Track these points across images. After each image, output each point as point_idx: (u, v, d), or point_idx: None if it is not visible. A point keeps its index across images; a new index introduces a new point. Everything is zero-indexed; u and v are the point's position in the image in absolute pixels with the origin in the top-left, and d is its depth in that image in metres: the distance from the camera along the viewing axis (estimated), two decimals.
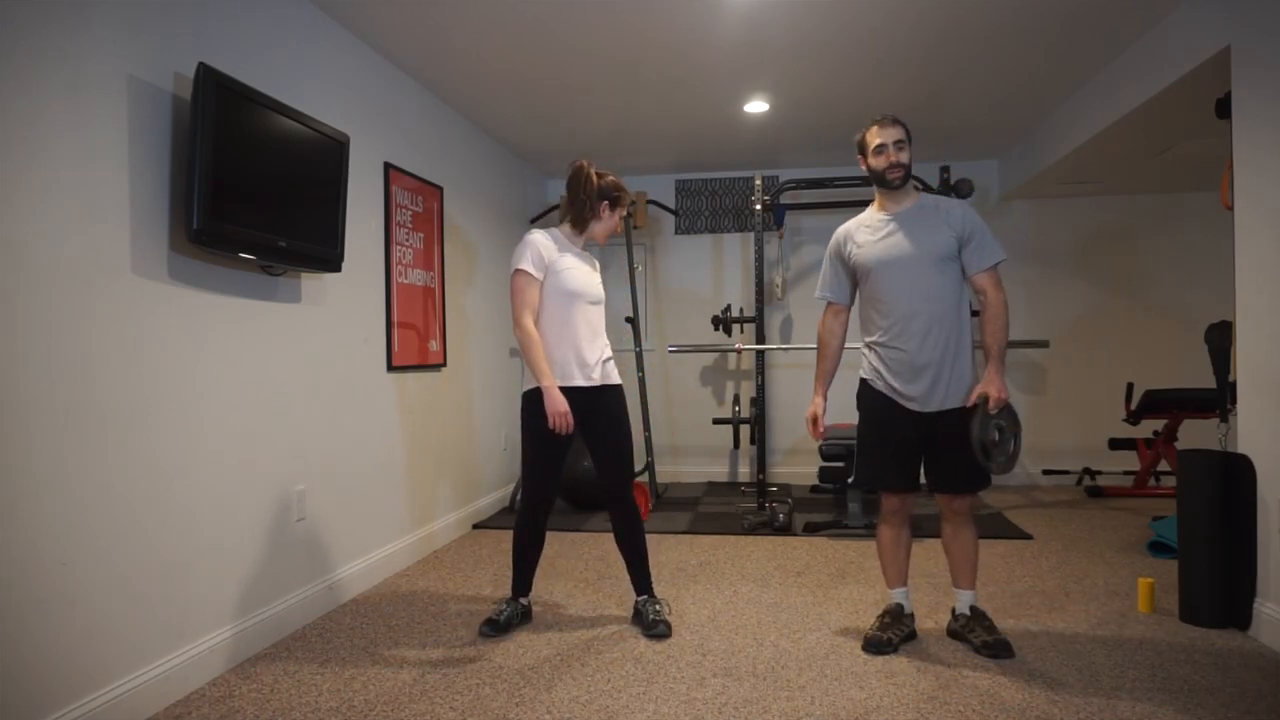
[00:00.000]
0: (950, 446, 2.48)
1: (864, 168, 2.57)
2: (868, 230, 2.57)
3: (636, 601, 2.85)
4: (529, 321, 2.67)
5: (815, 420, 2.65)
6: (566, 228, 2.83)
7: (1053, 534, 4.15)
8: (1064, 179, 5.03)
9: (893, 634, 2.59)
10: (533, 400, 2.71)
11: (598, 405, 2.78)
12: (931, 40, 3.46)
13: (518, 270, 2.69)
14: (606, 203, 2.80)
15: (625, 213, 2.90)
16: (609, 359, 2.85)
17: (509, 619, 2.78)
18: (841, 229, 2.66)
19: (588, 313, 2.77)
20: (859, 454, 2.69)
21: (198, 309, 2.43)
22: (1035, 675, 2.36)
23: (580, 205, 2.79)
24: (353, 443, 3.29)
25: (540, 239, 2.72)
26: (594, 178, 2.78)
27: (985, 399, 2.41)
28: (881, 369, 2.55)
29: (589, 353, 2.75)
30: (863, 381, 2.65)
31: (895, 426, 2.54)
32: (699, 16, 3.20)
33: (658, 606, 2.80)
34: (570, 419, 2.63)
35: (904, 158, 2.48)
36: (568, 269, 2.73)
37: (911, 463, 2.57)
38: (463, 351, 4.46)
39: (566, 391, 2.68)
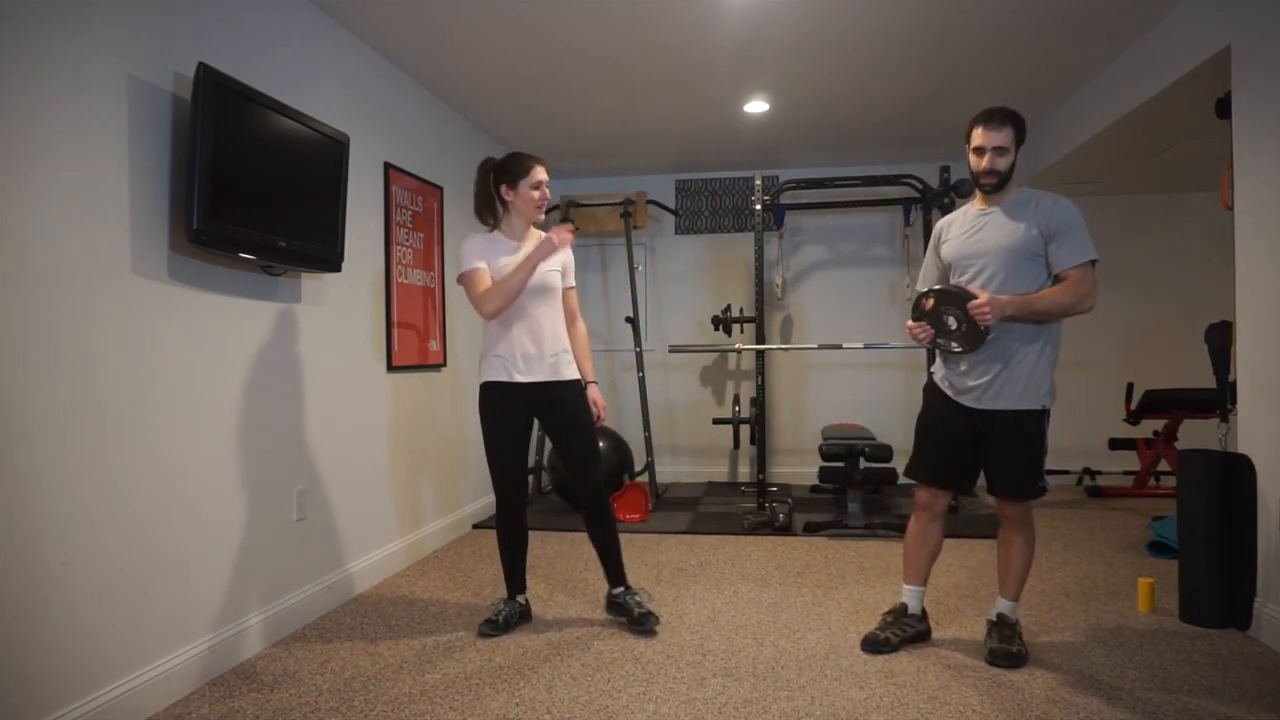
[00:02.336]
0: (1000, 449, 2.45)
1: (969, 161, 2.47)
2: (960, 224, 2.52)
3: (614, 594, 2.86)
4: (488, 290, 2.60)
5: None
6: (497, 231, 2.78)
7: (1053, 534, 4.15)
8: (1064, 179, 5.03)
9: (891, 633, 2.59)
10: (485, 394, 2.73)
11: (554, 401, 2.74)
12: (931, 40, 3.46)
13: (464, 273, 2.66)
14: (504, 184, 2.70)
15: (542, 178, 2.69)
16: (563, 351, 2.77)
17: (508, 618, 2.79)
18: (943, 219, 2.60)
19: (532, 307, 2.69)
20: (914, 441, 2.68)
21: (198, 309, 2.43)
22: (1035, 675, 2.36)
23: (481, 203, 2.76)
24: (352, 443, 3.29)
25: (472, 239, 2.71)
26: (484, 167, 2.74)
27: (970, 295, 2.34)
28: (944, 362, 2.56)
29: (535, 347, 2.69)
30: (930, 373, 2.66)
31: (946, 423, 2.53)
32: (699, 16, 3.20)
33: (639, 598, 2.84)
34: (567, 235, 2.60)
35: (1001, 165, 2.38)
36: (504, 268, 2.66)
37: (952, 461, 2.54)
38: (463, 351, 4.46)
39: (514, 388, 2.69)
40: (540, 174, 2.70)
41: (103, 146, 2.09)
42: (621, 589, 2.86)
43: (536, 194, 2.69)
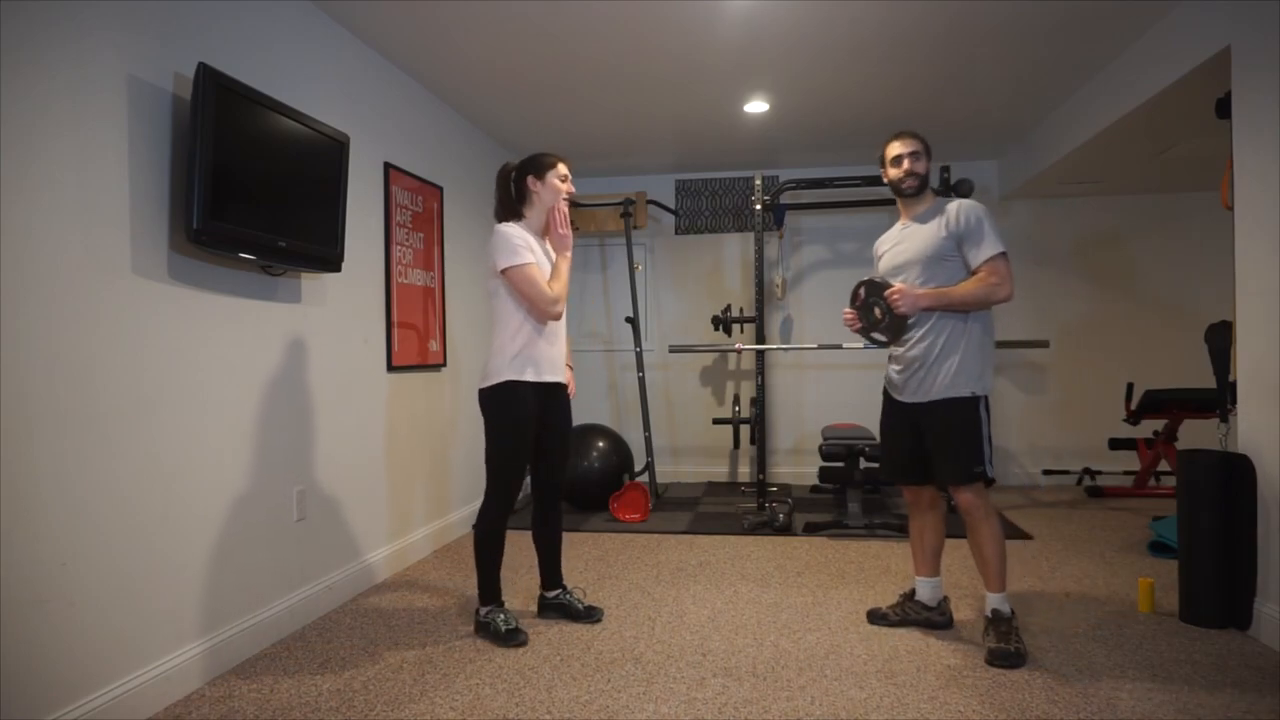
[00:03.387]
0: (934, 438, 2.58)
1: (885, 180, 2.70)
2: (888, 242, 2.74)
3: (552, 596, 2.95)
4: (558, 293, 2.65)
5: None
6: (523, 224, 2.76)
7: (1053, 534, 4.15)
8: (1064, 179, 5.03)
9: (893, 611, 2.79)
10: (507, 393, 2.66)
11: (556, 402, 2.82)
12: (932, 41, 3.46)
13: (520, 265, 2.59)
14: (531, 176, 2.72)
15: (567, 172, 2.75)
16: (566, 354, 2.89)
17: (509, 624, 2.73)
18: (879, 239, 2.82)
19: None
20: None
21: (198, 309, 2.43)
22: (1035, 675, 2.36)
23: (506, 197, 2.77)
24: (353, 443, 3.29)
25: (513, 229, 2.65)
26: (506, 167, 2.78)
27: (890, 285, 2.58)
28: (889, 362, 2.73)
29: (557, 348, 2.78)
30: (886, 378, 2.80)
31: (893, 422, 2.72)
32: (699, 18, 3.20)
33: (576, 594, 3.02)
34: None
35: (919, 168, 2.61)
36: (540, 263, 2.70)
37: (906, 457, 2.68)
38: (463, 351, 4.46)
39: (534, 388, 2.71)
40: (565, 168, 2.77)
41: (103, 146, 2.09)
42: (560, 590, 2.95)
43: (564, 185, 2.75)
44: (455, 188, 4.37)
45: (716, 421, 5.42)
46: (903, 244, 2.65)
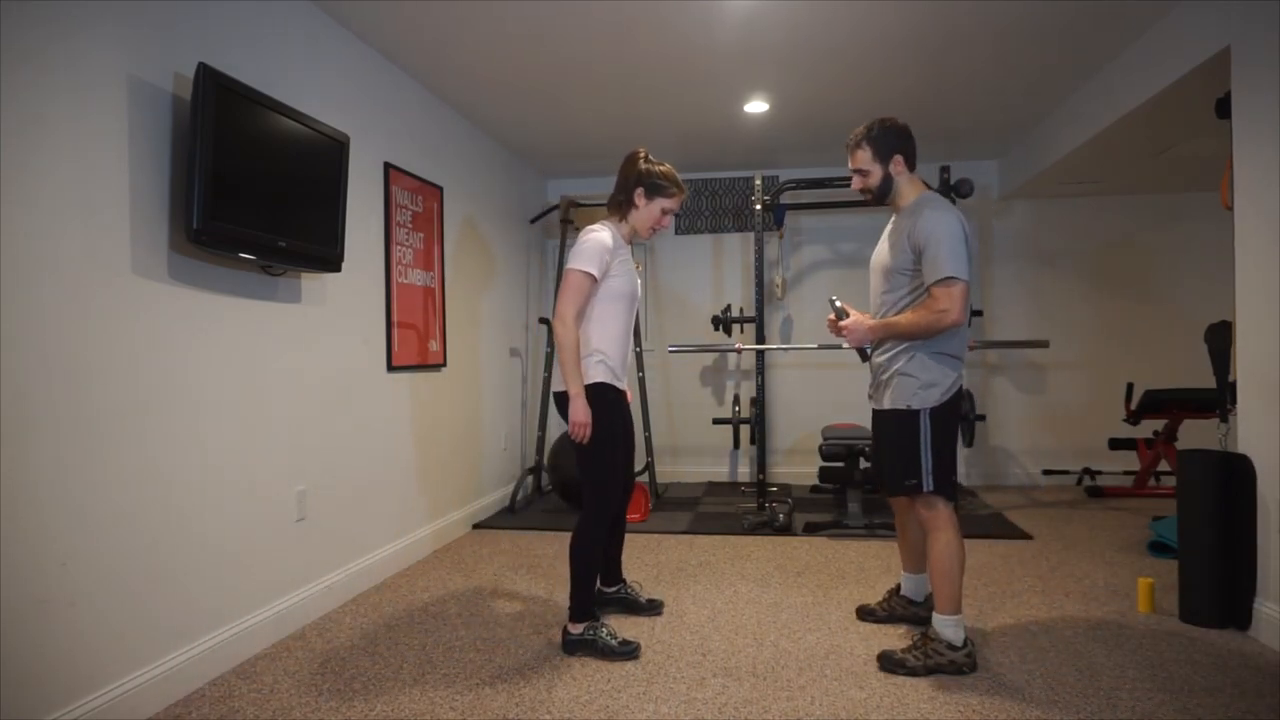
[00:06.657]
0: (879, 446, 2.59)
1: None
2: (882, 236, 2.65)
3: (612, 591, 2.97)
4: (575, 322, 2.55)
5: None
6: (616, 222, 2.75)
7: (1053, 534, 4.15)
8: (1064, 179, 5.03)
9: (880, 607, 2.84)
10: (600, 394, 2.58)
11: (627, 408, 2.80)
12: (931, 41, 3.46)
13: (583, 270, 2.54)
14: (642, 189, 2.68)
15: (674, 208, 2.73)
16: None
17: (616, 634, 2.61)
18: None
19: (630, 316, 2.74)
20: None
21: (198, 309, 2.43)
22: (1035, 675, 2.36)
23: (618, 191, 2.73)
24: (353, 443, 3.29)
25: (608, 240, 2.61)
26: (638, 163, 2.71)
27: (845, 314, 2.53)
28: None
29: (626, 355, 2.73)
30: None
31: (872, 426, 2.70)
32: (699, 19, 3.20)
33: (639, 589, 3.05)
34: (590, 429, 2.53)
35: (864, 183, 2.55)
36: (624, 271, 2.66)
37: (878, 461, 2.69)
38: (463, 351, 4.46)
39: (615, 393, 2.65)
40: (676, 204, 2.75)
41: (103, 146, 2.09)
42: (621, 584, 2.98)
43: (662, 218, 2.73)
44: (455, 188, 4.37)
45: (716, 421, 5.42)
46: (882, 244, 2.58)
